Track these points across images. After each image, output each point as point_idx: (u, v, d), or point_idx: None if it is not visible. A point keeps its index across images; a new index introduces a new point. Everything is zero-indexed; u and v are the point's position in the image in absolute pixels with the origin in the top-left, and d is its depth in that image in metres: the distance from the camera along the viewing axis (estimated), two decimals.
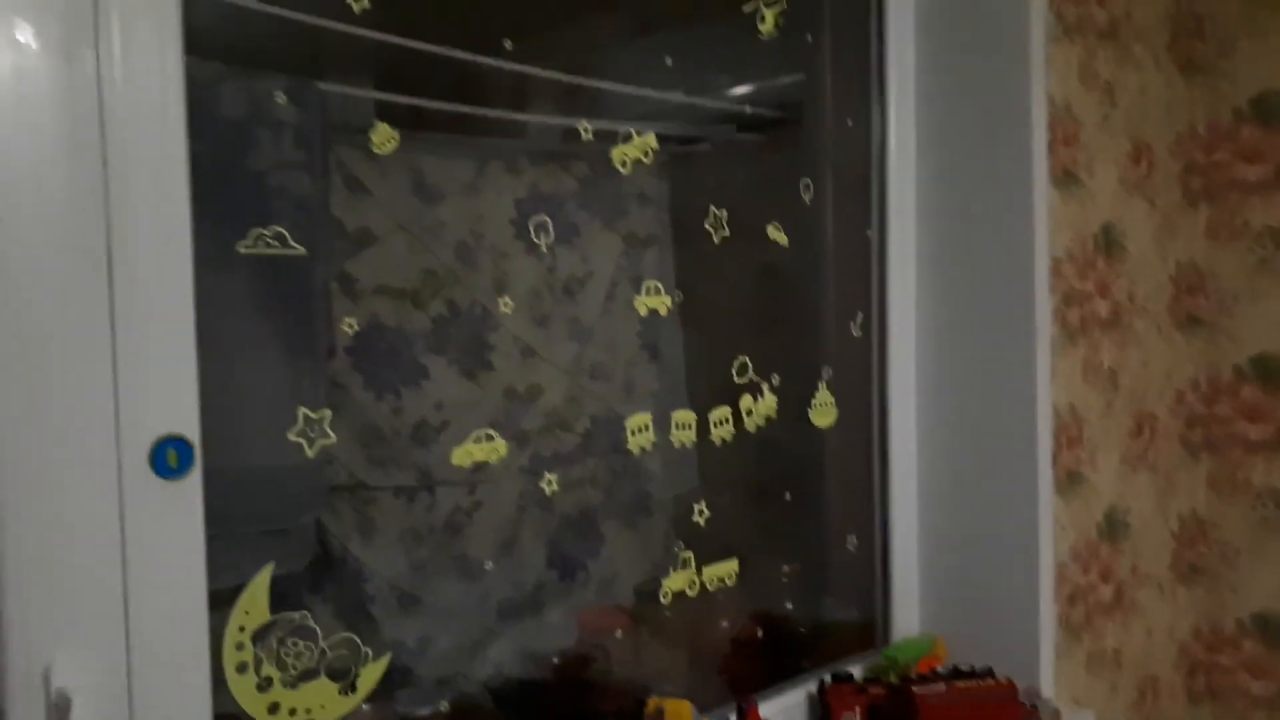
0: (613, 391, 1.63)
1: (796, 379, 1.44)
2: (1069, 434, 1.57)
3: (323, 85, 1.22)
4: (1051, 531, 1.50)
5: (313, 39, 1.18)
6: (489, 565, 1.49)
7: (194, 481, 0.83)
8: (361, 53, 1.25)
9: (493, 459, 1.19)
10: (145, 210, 0.79)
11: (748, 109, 1.58)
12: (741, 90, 1.61)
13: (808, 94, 1.64)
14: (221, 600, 0.99)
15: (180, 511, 0.82)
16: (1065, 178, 1.56)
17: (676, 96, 1.59)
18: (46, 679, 0.73)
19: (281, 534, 1.25)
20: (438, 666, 1.41)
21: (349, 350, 1.36)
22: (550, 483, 1.36)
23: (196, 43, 1.11)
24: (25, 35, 0.73)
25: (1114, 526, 1.69)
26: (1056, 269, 1.54)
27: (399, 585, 1.43)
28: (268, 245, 0.93)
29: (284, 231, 0.95)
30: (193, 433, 0.82)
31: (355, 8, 1.03)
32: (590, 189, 1.57)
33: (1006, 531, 1.50)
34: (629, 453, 1.55)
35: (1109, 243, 1.67)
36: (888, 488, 1.57)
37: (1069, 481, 1.58)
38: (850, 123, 1.55)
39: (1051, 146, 1.51)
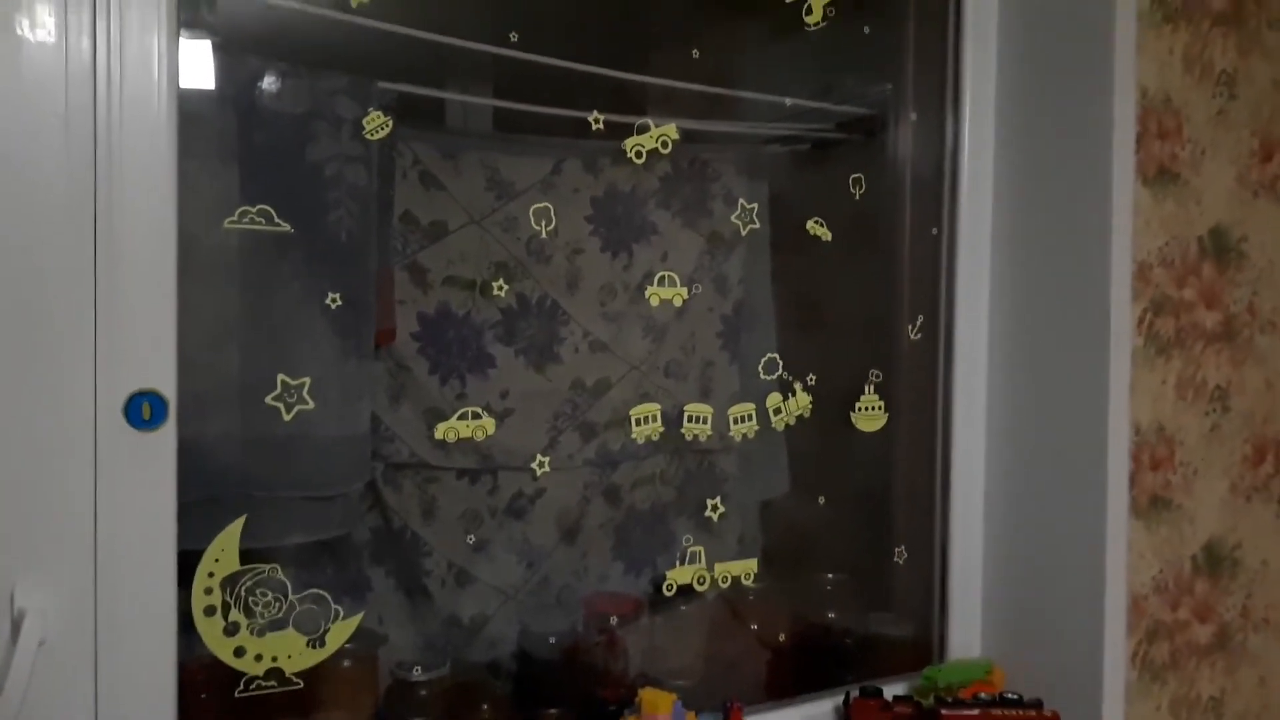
0: (686, 389, 1.62)
1: (837, 379, 1.41)
2: (1154, 455, 1.44)
3: (385, 85, 1.29)
4: (1124, 559, 1.38)
5: (381, 43, 1.25)
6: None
7: (168, 433, 0.90)
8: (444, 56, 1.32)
9: (478, 436, 1.22)
10: (133, 181, 0.88)
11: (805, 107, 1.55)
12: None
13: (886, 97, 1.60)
14: (253, 557, 1.07)
15: (152, 460, 0.90)
16: (1160, 175, 1.43)
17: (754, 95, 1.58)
18: (10, 599, 0.82)
19: (324, 500, 1.33)
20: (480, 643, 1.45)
21: (415, 336, 1.43)
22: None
23: (260, 44, 1.21)
24: (24, 28, 0.83)
25: (1216, 561, 1.53)
26: (1143, 274, 1.41)
27: (457, 563, 1.48)
28: (252, 221, 1.00)
29: (269, 209, 1.01)
30: (169, 388, 0.90)
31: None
32: (671, 188, 1.58)
33: (1073, 555, 1.39)
34: (702, 450, 1.55)
35: (1220, 248, 1.51)
36: (949, 500, 1.50)
37: (1152, 507, 1.44)
38: (914, 116, 1.49)
39: (1142, 140, 1.40)
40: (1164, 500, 1.46)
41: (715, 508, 1.35)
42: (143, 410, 0.88)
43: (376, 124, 1.14)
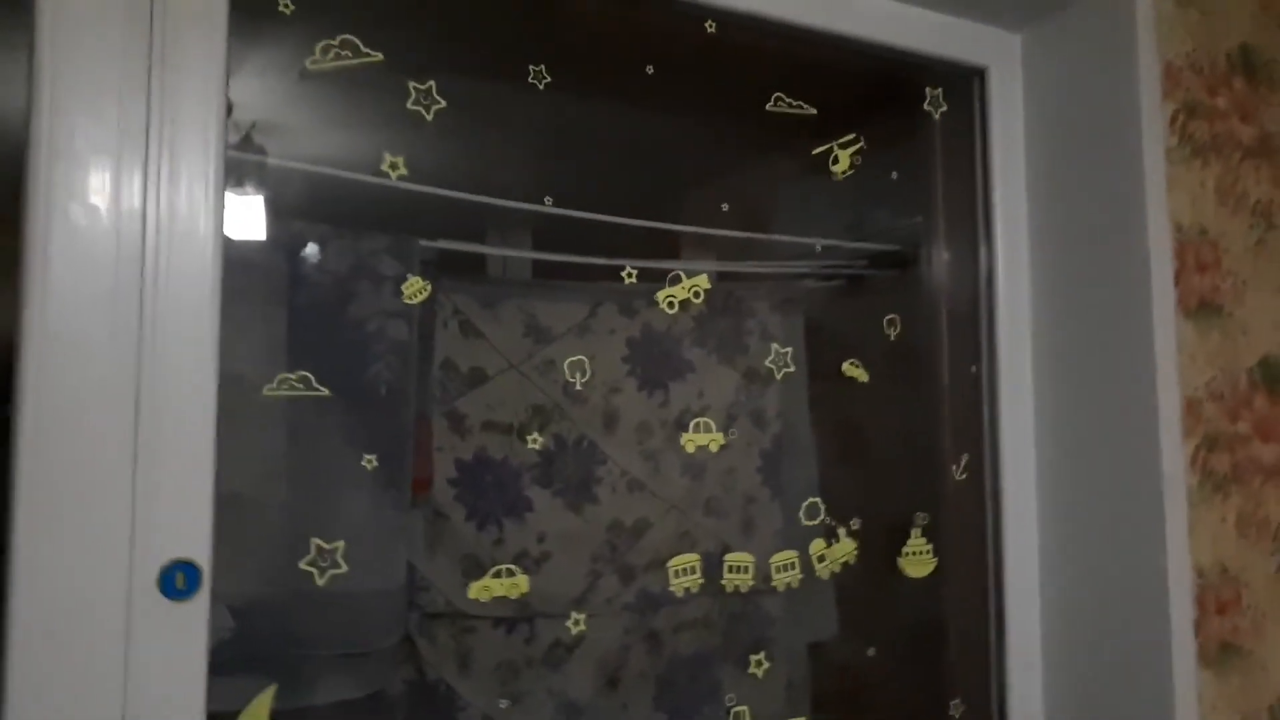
0: (727, 527, 1.59)
1: (882, 522, 1.37)
2: (1220, 598, 1.37)
3: (426, 243, 1.33)
4: (1195, 712, 1.30)
5: (421, 203, 1.29)
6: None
7: (200, 603, 0.90)
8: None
9: (512, 594, 1.20)
10: (175, 353, 0.90)
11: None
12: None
13: (917, 230, 1.61)
14: (283, 719, 1.05)
15: (184, 630, 0.89)
16: (1202, 307, 1.41)
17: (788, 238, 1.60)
18: None
19: (358, 657, 1.31)
20: None
21: (452, 482, 1.43)
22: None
23: (305, 208, 1.26)
24: (77, 214, 0.87)
25: None
26: (1193, 409, 1.38)
27: (492, 718, 1.44)
28: (291, 388, 1.02)
29: (309, 374, 1.03)
30: (203, 557, 0.90)
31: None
32: (706, 326, 1.59)
33: (1140, 709, 1.32)
34: (746, 593, 1.51)
35: (1271, 378, 1.47)
36: (1004, 649, 1.43)
37: (1222, 654, 1.36)
38: (948, 255, 1.49)
39: (1181, 275, 1.38)
40: (1234, 647, 1.38)
41: (760, 663, 1.30)
42: (176, 580, 0.88)
43: (416, 289, 1.16)
